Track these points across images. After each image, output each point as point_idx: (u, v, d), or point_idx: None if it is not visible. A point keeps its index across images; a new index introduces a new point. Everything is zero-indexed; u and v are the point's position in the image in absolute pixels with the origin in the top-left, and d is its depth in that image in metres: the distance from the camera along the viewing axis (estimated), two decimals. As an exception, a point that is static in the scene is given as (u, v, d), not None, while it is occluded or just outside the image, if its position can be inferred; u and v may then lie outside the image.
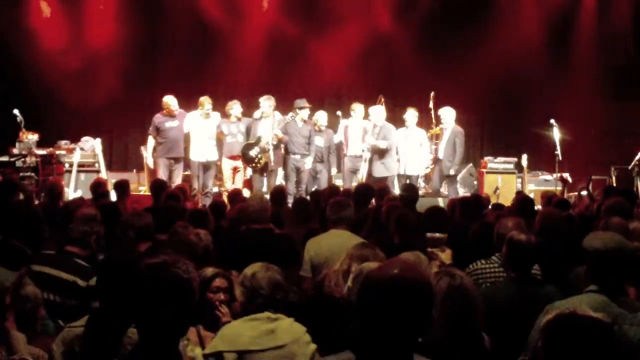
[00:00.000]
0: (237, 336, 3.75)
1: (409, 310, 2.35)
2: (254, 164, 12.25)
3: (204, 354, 3.73)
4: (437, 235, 5.59)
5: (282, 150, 12.52)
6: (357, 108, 12.97)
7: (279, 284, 4.01)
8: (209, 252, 5.09)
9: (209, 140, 12.44)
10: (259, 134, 12.19)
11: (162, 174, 12.04)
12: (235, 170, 12.60)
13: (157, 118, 12.31)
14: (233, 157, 12.49)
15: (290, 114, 12.33)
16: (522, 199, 8.06)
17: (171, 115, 12.28)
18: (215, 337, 3.82)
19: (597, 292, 3.90)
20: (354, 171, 12.75)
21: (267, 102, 12.34)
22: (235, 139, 12.45)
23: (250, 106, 13.24)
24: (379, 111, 12.65)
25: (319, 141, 12.70)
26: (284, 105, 12.74)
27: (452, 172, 12.85)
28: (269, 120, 12.28)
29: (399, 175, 12.73)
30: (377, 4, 16.03)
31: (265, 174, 12.42)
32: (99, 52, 14.78)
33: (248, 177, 12.86)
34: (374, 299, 2.37)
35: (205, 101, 12.37)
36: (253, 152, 12.16)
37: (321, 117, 12.83)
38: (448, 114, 13.00)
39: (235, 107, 12.50)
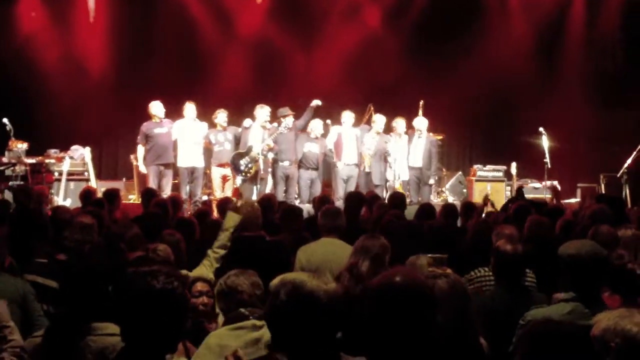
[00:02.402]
0: (222, 347, 3.70)
1: (414, 317, 2.37)
2: (244, 174, 12.24)
3: None
4: (438, 255, 5.63)
5: (271, 159, 12.54)
6: (348, 115, 13.02)
7: (257, 282, 4.00)
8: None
9: (195, 146, 12.45)
10: (250, 143, 12.21)
11: (152, 182, 12.03)
12: (224, 178, 12.57)
13: (145, 125, 12.31)
14: (222, 165, 12.48)
15: (277, 123, 12.39)
16: (517, 207, 8.05)
17: (159, 121, 12.31)
18: (201, 347, 3.78)
19: (573, 300, 3.93)
20: (347, 179, 12.78)
21: (262, 111, 12.38)
22: (222, 147, 12.45)
23: (238, 114, 13.26)
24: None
25: (314, 148, 12.71)
26: (272, 118, 12.71)
27: (432, 181, 13.29)
28: (258, 129, 12.30)
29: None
30: (366, 13, 16.06)
31: (255, 182, 12.43)
32: (88, 60, 14.78)
33: (237, 185, 12.86)
34: (379, 308, 2.40)
35: (189, 107, 12.46)
36: (243, 162, 12.15)
37: (315, 125, 12.84)
38: (423, 124, 13.15)
39: (220, 115, 12.52)
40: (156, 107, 12.34)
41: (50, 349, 3.48)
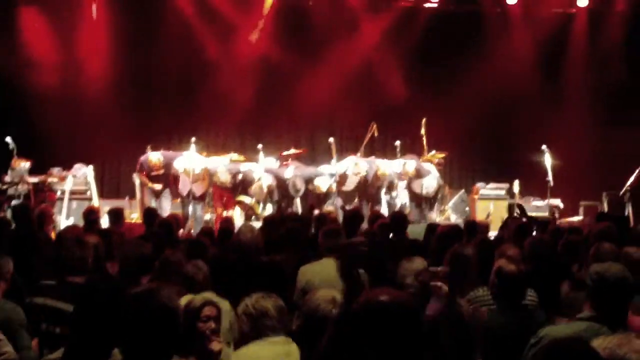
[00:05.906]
0: (256, 357, 3.74)
1: (401, 336, 2.33)
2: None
3: None
4: (439, 268, 5.58)
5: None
6: None
7: (283, 308, 4.00)
8: (208, 281, 5.02)
9: (196, 178, 12.57)
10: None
11: (151, 202, 12.21)
12: (227, 196, 12.69)
13: (144, 162, 12.63)
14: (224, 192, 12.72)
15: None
16: (518, 226, 8.04)
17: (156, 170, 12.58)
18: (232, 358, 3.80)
19: (591, 319, 3.91)
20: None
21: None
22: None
23: (242, 138, 13.36)
24: None
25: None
26: (275, 136, 12.78)
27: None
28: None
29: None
30: (367, 33, 16.07)
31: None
32: (91, 80, 14.79)
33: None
34: (365, 327, 2.36)
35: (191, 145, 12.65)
36: (247, 200, 12.31)
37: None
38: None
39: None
40: (153, 158, 12.61)
41: None
